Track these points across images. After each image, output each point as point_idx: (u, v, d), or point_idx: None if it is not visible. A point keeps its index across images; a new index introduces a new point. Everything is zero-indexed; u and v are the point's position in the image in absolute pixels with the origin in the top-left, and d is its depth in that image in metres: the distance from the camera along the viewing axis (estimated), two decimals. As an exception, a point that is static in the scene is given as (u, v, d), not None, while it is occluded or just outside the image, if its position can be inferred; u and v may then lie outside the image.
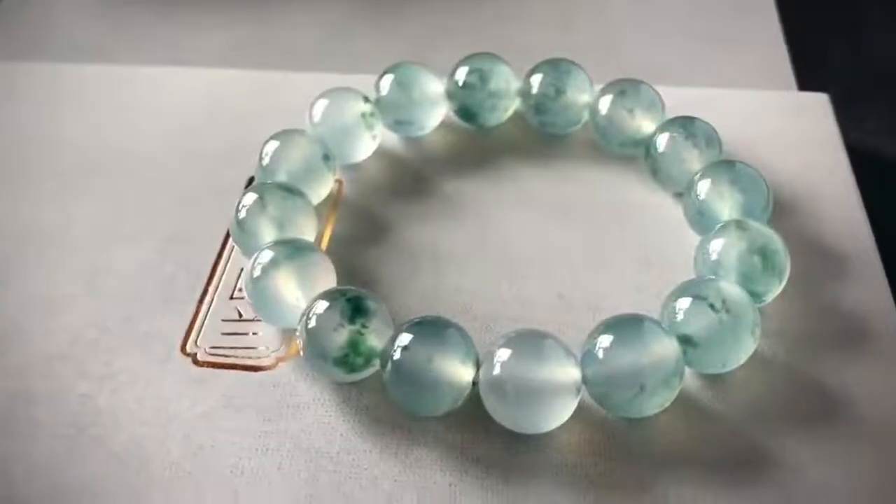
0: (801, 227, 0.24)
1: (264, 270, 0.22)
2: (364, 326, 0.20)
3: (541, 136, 0.27)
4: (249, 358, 0.22)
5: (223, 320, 0.23)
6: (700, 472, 0.20)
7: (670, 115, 0.26)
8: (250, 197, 0.23)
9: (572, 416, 0.20)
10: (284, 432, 0.21)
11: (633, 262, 0.24)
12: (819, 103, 0.28)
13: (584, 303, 0.23)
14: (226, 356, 0.22)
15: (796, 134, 0.27)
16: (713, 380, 0.21)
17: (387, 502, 0.19)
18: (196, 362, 0.22)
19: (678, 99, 0.27)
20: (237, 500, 0.19)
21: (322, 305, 0.21)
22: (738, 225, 0.22)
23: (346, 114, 0.26)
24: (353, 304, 0.21)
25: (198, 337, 0.23)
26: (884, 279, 0.23)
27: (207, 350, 0.22)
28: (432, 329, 0.20)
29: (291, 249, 0.22)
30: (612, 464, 0.20)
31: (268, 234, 0.23)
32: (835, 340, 0.22)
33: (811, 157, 0.26)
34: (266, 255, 0.22)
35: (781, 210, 0.25)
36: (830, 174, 0.26)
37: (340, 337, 0.20)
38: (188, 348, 0.22)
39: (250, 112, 0.29)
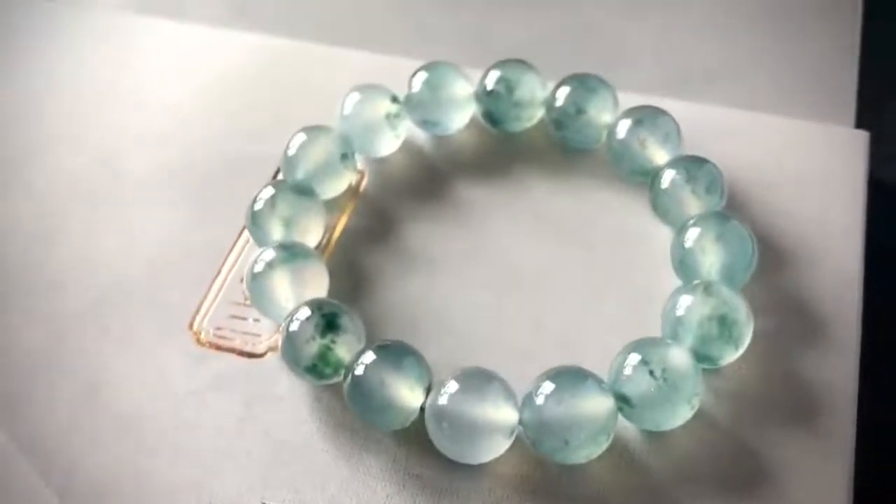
0: (789, 283, 0.25)
1: (263, 268, 0.24)
2: (333, 342, 0.22)
3: (561, 149, 0.28)
4: (244, 344, 0.25)
5: (230, 302, 0.26)
6: (616, 522, 0.21)
7: (694, 135, 0.26)
8: (266, 192, 0.26)
9: (514, 451, 0.22)
10: (259, 420, 0.23)
11: (614, 299, 0.25)
12: (857, 142, 0.27)
13: (556, 335, 0.24)
14: (225, 338, 0.25)
15: (819, 175, 0.27)
16: (653, 433, 0.22)
17: (329, 502, 0.22)
18: (199, 342, 0.25)
19: (703, 119, 0.27)
20: (207, 477, 0.22)
21: (303, 313, 0.23)
22: (706, 289, 0.22)
23: (372, 112, 0.27)
24: (326, 319, 0.23)
25: (206, 316, 0.25)
26: (855, 353, 0.23)
27: (211, 330, 0.25)
28: (392, 353, 0.22)
29: (289, 254, 0.24)
30: (536, 501, 0.22)
31: (275, 231, 0.25)
32: (785, 413, 0.22)
33: (826, 204, 0.26)
34: (267, 255, 0.24)
35: (775, 259, 0.25)
36: (840, 229, 0.25)
37: (311, 349, 0.22)
38: (195, 326, 0.25)
39: (296, 86, 0.30)
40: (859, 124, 0.29)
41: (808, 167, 0.27)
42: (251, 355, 0.25)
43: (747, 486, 0.21)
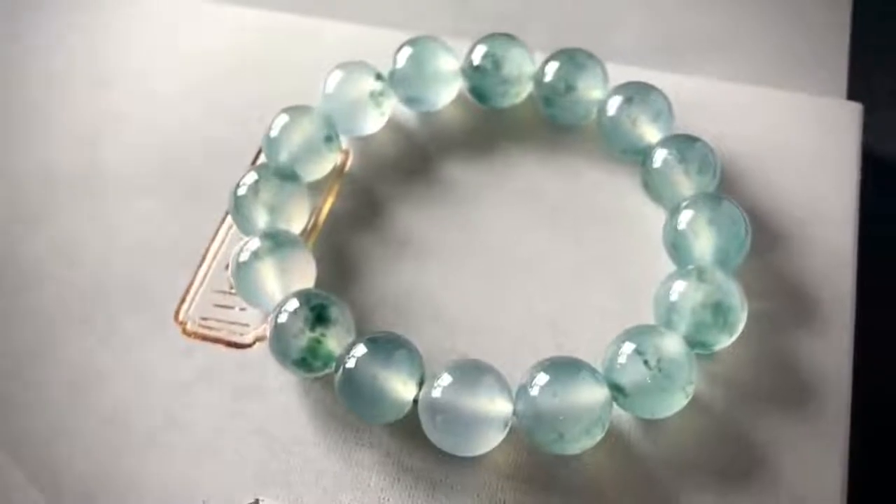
0: (781, 263, 0.24)
1: (248, 258, 0.23)
2: (322, 335, 0.22)
3: (551, 126, 0.27)
4: (232, 334, 0.24)
5: (216, 291, 0.25)
6: (612, 511, 0.21)
7: (684, 109, 0.26)
8: (249, 177, 0.25)
9: (508, 442, 0.22)
10: (248, 414, 0.23)
11: (606, 283, 0.24)
12: (850, 114, 0.27)
13: (548, 321, 0.24)
14: (212, 329, 0.24)
15: (812, 149, 0.26)
16: (646, 420, 0.22)
17: (323, 495, 0.22)
18: (185, 332, 0.24)
19: (693, 92, 0.27)
20: (198, 474, 0.22)
21: (291, 304, 0.22)
22: (700, 275, 0.22)
23: (356, 90, 0.27)
24: (315, 311, 0.22)
25: (191, 306, 0.25)
26: (849, 334, 0.23)
27: (197, 321, 0.25)
28: (383, 346, 0.22)
29: (274, 243, 0.24)
30: (533, 491, 0.21)
31: (260, 218, 0.25)
32: (778, 397, 0.22)
33: (819, 179, 0.26)
34: (252, 244, 0.24)
35: (769, 237, 0.25)
36: (833, 205, 0.25)
37: (300, 342, 0.22)
38: (181, 316, 0.25)
39: (275, 61, 0.29)
40: (851, 94, 0.29)
41: (801, 141, 0.26)
42: (239, 346, 0.24)
43: (742, 471, 0.21)
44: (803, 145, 0.26)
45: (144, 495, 0.22)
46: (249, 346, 0.24)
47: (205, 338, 0.24)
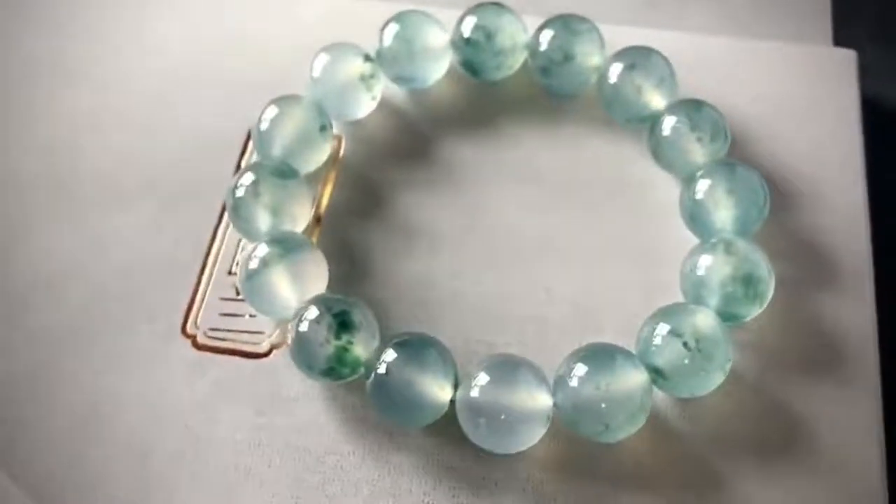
0: (795, 223, 0.24)
1: (258, 267, 0.22)
2: (349, 342, 0.21)
3: (547, 94, 0.26)
4: (245, 343, 0.23)
5: (221, 298, 0.24)
6: (661, 494, 0.21)
7: (680, 67, 0.25)
8: (247, 178, 0.24)
9: (546, 432, 0.21)
10: (275, 427, 0.22)
11: (625, 258, 0.24)
12: (845, 62, 0.27)
13: (570, 301, 0.23)
14: (223, 339, 0.23)
15: (813, 99, 0.26)
16: (683, 399, 0.22)
17: (364, 507, 0.21)
18: (196, 345, 0.23)
19: (689, 50, 0.26)
20: (230, 497, 0.21)
21: (311, 313, 0.22)
22: (727, 248, 0.22)
23: (345, 74, 0.25)
24: (339, 318, 0.21)
25: (197, 317, 0.24)
26: (871, 295, 0.23)
27: (207, 332, 0.24)
28: (414, 350, 0.21)
29: (284, 248, 0.22)
30: (578, 481, 0.21)
31: (262, 220, 0.23)
32: (808, 362, 0.22)
33: (824, 131, 0.25)
34: (260, 251, 0.23)
35: (781, 199, 0.24)
36: (840, 157, 0.25)
37: (326, 351, 0.21)
38: (188, 329, 0.24)
39: (257, 39, 0.28)
40: (836, 40, 0.29)
41: (800, 93, 0.26)
42: (255, 356, 0.23)
43: (781, 441, 0.21)
44: (803, 97, 0.26)
45: (179, 525, 0.21)
46: (266, 355, 0.23)
47: (217, 350, 0.23)
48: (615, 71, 0.25)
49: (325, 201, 0.25)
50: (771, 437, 0.22)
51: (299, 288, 0.22)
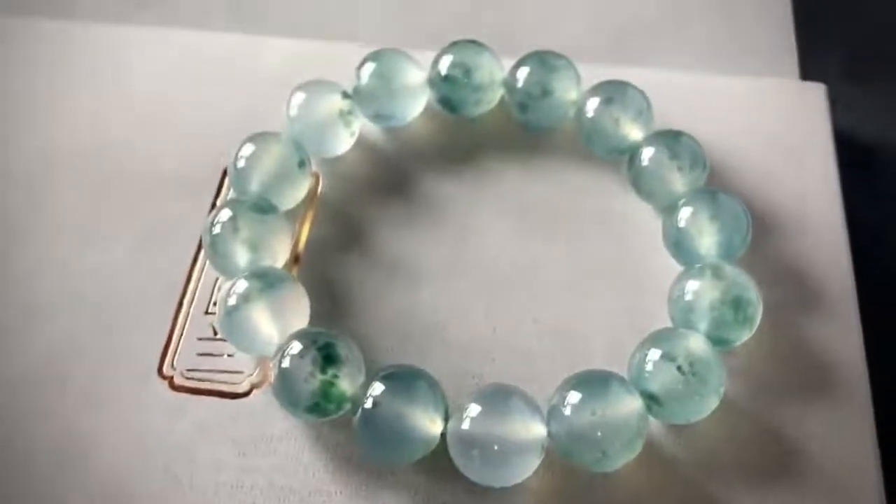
0: (779, 249, 0.24)
1: (237, 303, 0.22)
2: (335, 376, 0.21)
3: (523, 129, 0.27)
4: (224, 383, 0.23)
5: (198, 339, 0.23)
6: (656, 523, 0.21)
7: (656, 101, 0.25)
8: (224, 214, 0.23)
9: (539, 463, 0.21)
10: (258, 468, 0.21)
11: (610, 287, 0.24)
12: (815, 95, 0.27)
13: (558, 329, 0.23)
14: (201, 380, 0.23)
15: (785, 134, 0.26)
16: (677, 426, 0.22)
17: (354, 549, 0.20)
18: (173, 386, 0.23)
19: (664, 85, 0.26)
20: (214, 542, 0.20)
21: (295, 348, 0.21)
22: (715, 272, 0.22)
23: (323, 111, 0.25)
24: (324, 352, 0.21)
25: (174, 358, 0.23)
26: (856, 318, 0.23)
27: (184, 373, 0.23)
28: (403, 382, 0.21)
29: (265, 284, 0.22)
30: (572, 513, 0.21)
31: (240, 257, 0.23)
32: (799, 386, 0.22)
33: (799, 165, 0.26)
34: (239, 287, 0.22)
35: (761, 225, 0.24)
36: (817, 189, 0.25)
37: (311, 386, 0.21)
38: (165, 370, 0.23)
39: (222, 84, 0.28)
40: (803, 75, 0.29)
41: (774, 125, 0.27)
42: (234, 396, 0.22)
43: (778, 465, 0.21)
44: (777, 129, 0.26)
45: (158, 571, 0.20)
46: (246, 394, 0.22)
47: (196, 391, 0.22)
48: (592, 105, 0.25)
49: (303, 238, 0.25)
50: (766, 461, 0.21)
51: (281, 323, 0.22)
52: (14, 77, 0.28)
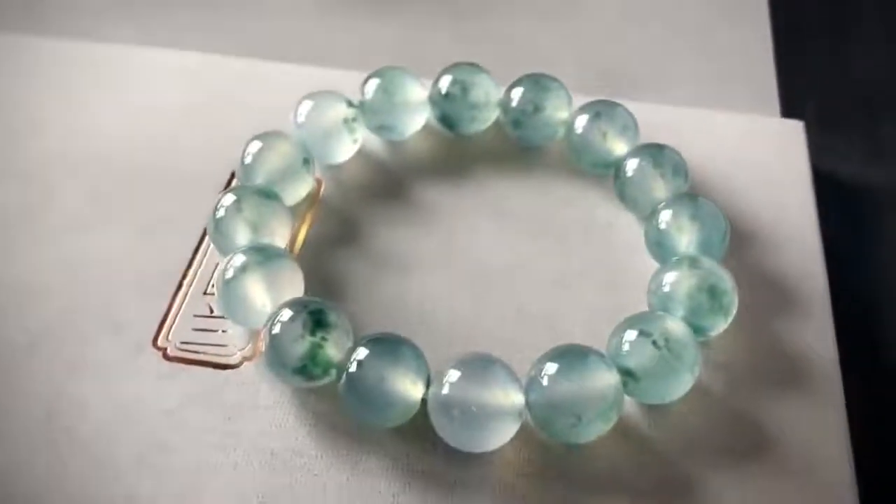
0: (758, 259, 0.25)
1: (234, 274, 0.23)
2: (324, 339, 0.21)
3: (518, 148, 0.28)
4: (217, 355, 0.23)
5: (195, 315, 0.24)
6: (630, 499, 0.21)
7: (643, 131, 0.27)
8: (228, 199, 0.24)
9: (516, 437, 0.21)
10: (243, 432, 0.22)
11: (592, 284, 0.25)
12: (793, 132, 0.29)
13: (541, 320, 0.24)
14: (195, 352, 0.23)
15: (765, 163, 0.28)
16: (653, 407, 0.22)
17: (332, 508, 0.21)
18: (166, 357, 0.23)
19: (652, 116, 0.28)
20: (194, 496, 0.21)
21: (286, 314, 0.22)
22: (692, 262, 0.23)
23: (329, 117, 0.27)
24: (314, 316, 0.22)
25: (170, 331, 0.24)
26: (829, 320, 0.24)
27: (178, 345, 0.24)
28: (387, 347, 0.21)
29: (262, 256, 0.23)
30: (548, 484, 0.21)
31: (242, 236, 0.24)
32: (774, 378, 0.23)
33: (777, 189, 0.27)
34: (237, 259, 0.23)
35: (740, 240, 0.26)
36: (794, 209, 0.26)
37: (300, 347, 0.21)
38: (160, 342, 0.24)
39: (237, 102, 0.29)
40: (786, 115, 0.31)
41: (753, 156, 0.28)
42: (225, 367, 0.23)
43: (752, 449, 0.22)
44: (759, 158, 0.28)
45: (137, 521, 0.20)
46: (237, 366, 0.23)
47: (188, 361, 0.23)
48: (581, 122, 0.27)
49: (301, 236, 0.26)
50: (741, 444, 0.22)
51: (274, 295, 0.23)
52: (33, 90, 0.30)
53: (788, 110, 0.31)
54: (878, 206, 0.29)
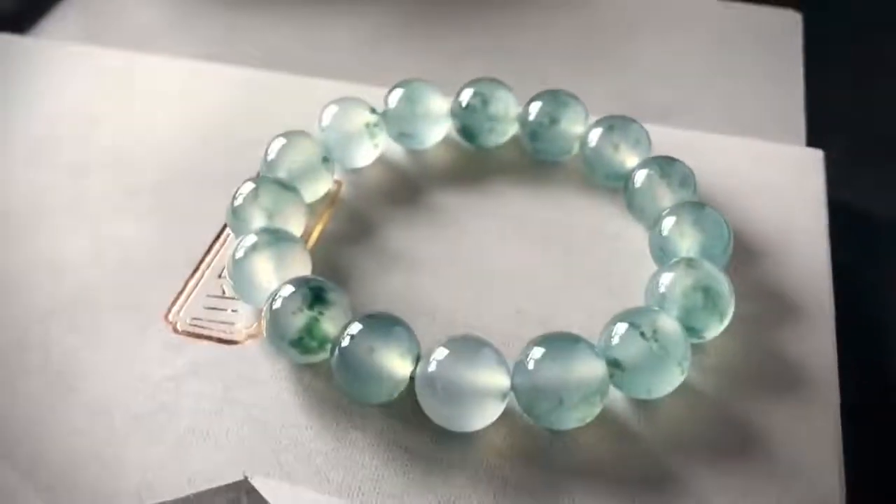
0: (763, 273, 0.25)
1: (246, 252, 0.24)
2: (320, 313, 0.22)
3: (534, 162, 0.29)
4: (224, 332, 0.24)
5: (208, 295, 0.25)
6: (611, 488, 0.21)
7: (659, 153, 0.27)
8: (246, 187, 0.26)
9: (502, 421, 0.21)
10: (239, 401, 0.23)
11: (593, 288, 0.25)
12: (812, 160, 0.29)
13: (538, 319, 0.24)
14: (203, 328, 0.24)
15: (781, 186, 0.28)
16: (641, 403, 0.22)
17: (315, 474, 0.21)
18: (175, 330, 0.24)
19: (671, 139, 0.28)
20: (185, 457, 0.21)
21: (287, 290, 0.23)
22: (689, 263, 0.23)
23: (352, 122, 0.28)
24: (314, 292, 0.22)
25: (182, 308, 0.25)
26: (832, 335, 0.24)
27: (188, 321, 0.24)
28: (381, 323, 0.22)
29: (273, 237, 0.24)
30: (529, 469, 0.21)
31: (258, 221, 0.25)
32: (768, 384, 0.23)
33: (790, 212, 0.27)
34: (249, 240, 0.24)
35: (748, 256, 0.26)
36: (805, 231, 0.26)
37: (298, 320, 0.22)
38: (171, 317, 0.25)
39: (270, 112, 0.31)
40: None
41: (771, 180, 0.28)
42: (230, 342, 0.24)
43: (739, 450, 0.21)
44: (773, 183, 0.28)
45: (128, 477, 0.21)
46: (241, 342, 0.24)
47: (195, 336, 0.24)
48: (595, 135, 0.27)
49: (317, 231, 0.27)
50: (728, 443, 0.21)
51: (282, 276, 0.24)
52: (67, 100, 0.32)
53: (814, 142, 0.31)
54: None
